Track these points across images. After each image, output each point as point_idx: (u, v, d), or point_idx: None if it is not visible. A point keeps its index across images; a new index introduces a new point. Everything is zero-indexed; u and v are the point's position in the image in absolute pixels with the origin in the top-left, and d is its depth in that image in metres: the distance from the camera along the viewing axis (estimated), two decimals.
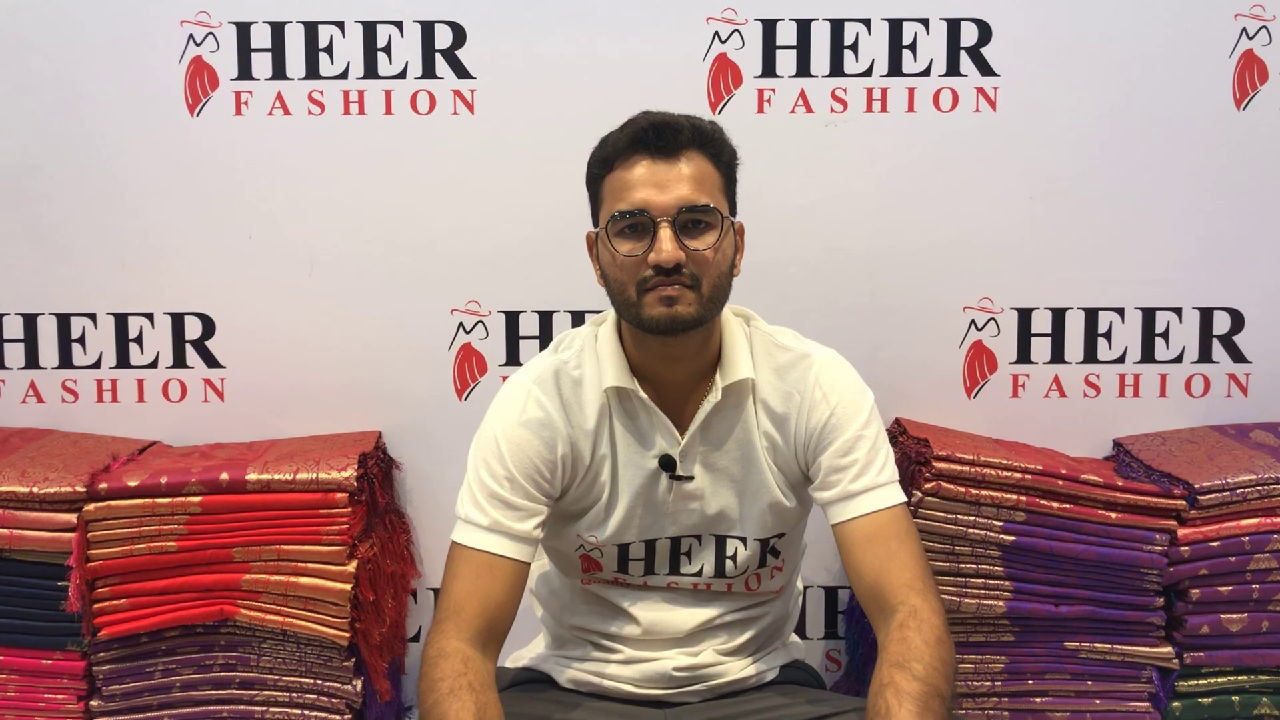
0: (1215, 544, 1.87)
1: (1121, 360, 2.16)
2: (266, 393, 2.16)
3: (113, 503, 1.85)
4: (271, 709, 1.91)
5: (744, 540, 1.46)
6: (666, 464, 1.42)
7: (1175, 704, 1.90)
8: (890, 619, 1.31)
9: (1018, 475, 1.86)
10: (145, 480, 1.86)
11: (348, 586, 1.87)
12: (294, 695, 1.91)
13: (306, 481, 1.87)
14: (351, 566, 1.88)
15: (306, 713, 1.91)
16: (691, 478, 1.43)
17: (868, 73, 2.09)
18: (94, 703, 1.91)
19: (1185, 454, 2.01)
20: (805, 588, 1.98)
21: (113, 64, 2.08)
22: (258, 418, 2.16)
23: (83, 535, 1.85)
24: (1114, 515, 1.87)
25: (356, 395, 2.16)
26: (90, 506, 1.85)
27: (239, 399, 2.17)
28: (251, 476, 1.87)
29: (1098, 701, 1.92)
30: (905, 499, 1.41)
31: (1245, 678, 1.90)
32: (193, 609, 1.87)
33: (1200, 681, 1.91)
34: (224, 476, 1.87)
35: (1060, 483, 1.86)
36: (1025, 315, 2.15)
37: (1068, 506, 1.87)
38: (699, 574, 1.47)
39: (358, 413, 2.17)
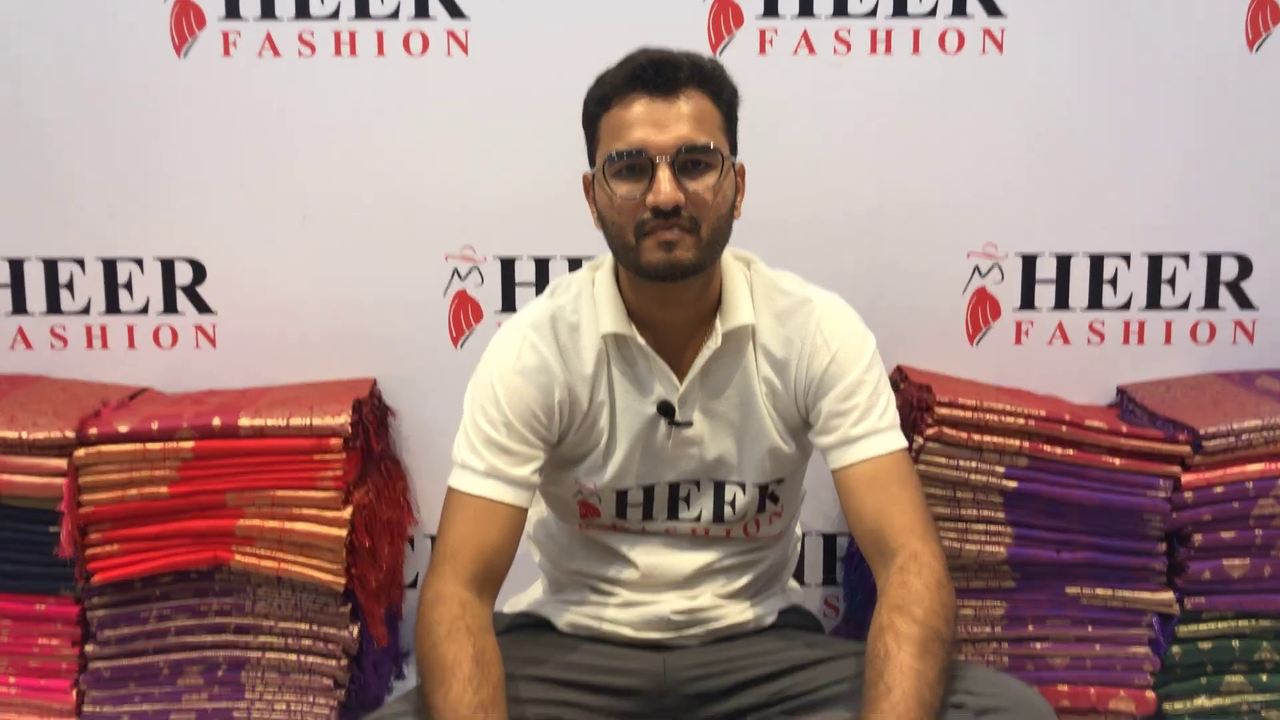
0: (1219, 489, 1.86)
1: (1127, 307, 2.14)
2: (259, 339, 2.14)
3: (103, 448, 1.83)
4: (267, 654, 1.91)
5: (743, 486, 1.45)
6: (665, 410, 1.40)
7: (1175, 649, 1.90)
8: (890, 563, 1.30)
9: (1021, 421, 1.84)
10: (136, 425, 1.84)
11: (343, 532, 1.86)
12: (290, 640, 1.91)
13: (300, 427, 1.85)
14: (347, 512, 1.87)
15: (303, 658, 1.91)
16: (690, 423, 1.41)
17: (872, 13, 2.04)
18: (89, 647, 1.91)
19: (1190, 400, 1.99)
20: (804, 534, 1.97)
21: (95, 2, 2.02)
22: (250, 365, 2.14)
23: (74, 481, 1.84)
24: (1118, 461, 1.85)
25: (351, 342, 2.14)
26: (81, 452, 1.83)
27: (231, 346, 2.14)
28: (244, 422, 1.85)
29: (1098, 647, 1.91)
30: (906, 444, 1.39)
31: (1246, 623, 1.90)
32: (186, 554, 1.86)
33: (1200, 626, 1.90)
34: (216, 422, 1.85)
35: (1064, 428, 1.84)
36: (1029, 261, 2.12)
37: (1071, 452, 1.85)
38: (697, 519, 1.46)
39: (352, 360, 2.14)
